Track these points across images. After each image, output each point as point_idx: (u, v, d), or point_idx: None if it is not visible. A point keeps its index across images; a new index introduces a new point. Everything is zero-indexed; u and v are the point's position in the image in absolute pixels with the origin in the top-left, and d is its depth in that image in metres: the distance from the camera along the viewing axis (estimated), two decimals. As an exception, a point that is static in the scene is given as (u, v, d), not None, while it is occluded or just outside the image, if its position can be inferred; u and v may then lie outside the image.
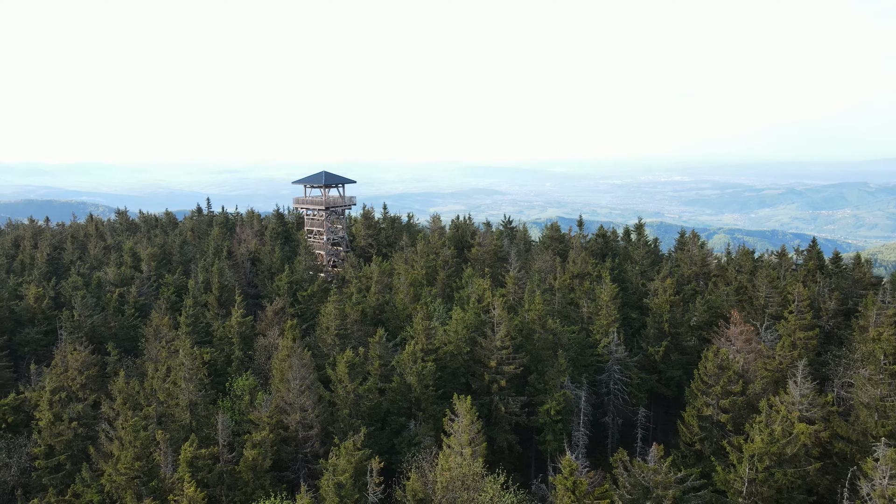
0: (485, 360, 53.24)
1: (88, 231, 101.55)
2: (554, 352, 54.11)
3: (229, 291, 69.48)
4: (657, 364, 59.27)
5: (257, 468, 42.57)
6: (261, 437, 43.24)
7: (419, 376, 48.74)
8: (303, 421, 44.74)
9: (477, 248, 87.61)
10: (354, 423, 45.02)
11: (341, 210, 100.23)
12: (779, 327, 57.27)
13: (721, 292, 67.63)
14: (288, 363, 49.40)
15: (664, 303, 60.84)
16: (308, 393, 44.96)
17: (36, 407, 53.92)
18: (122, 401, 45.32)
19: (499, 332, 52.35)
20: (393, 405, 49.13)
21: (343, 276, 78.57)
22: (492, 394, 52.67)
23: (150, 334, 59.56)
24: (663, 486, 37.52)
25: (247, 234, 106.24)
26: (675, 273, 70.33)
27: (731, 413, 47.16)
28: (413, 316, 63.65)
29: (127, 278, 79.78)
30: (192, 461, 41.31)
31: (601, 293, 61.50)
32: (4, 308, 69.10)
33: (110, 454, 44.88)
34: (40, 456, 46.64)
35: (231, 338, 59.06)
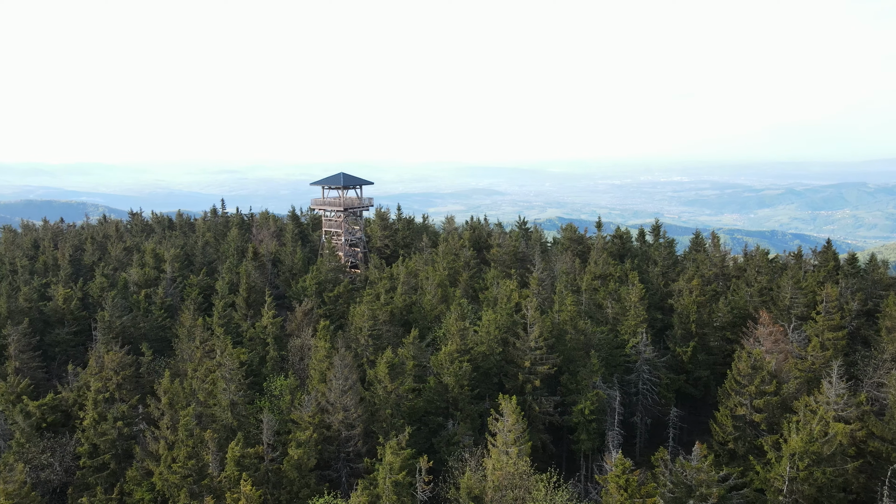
0: (518, 361, 53.93)
1: (107, 232, 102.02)
2: (586, 352, 54.82)
3: (257, 292, 70.09)
4: (685, 364, 59.97)
5: (302, 467, 43.22)
6: (305, 437, 43.91)
7: (456, 377, 49.41)
8: (345, 420, 45.35)
9: (496, 249, 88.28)
10: (397, 423, 45.67)
11: (359, 211, 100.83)
12: (806, 328, 58.00)
13: (744, 293, 68.33)
14: (327, 363, 50.11)
15: (691, 303, 61.56)
16: (350, 393, 45.58)
17: (74, 406, 54.68)
18: (168, 401, 45.94)
19: (532, 332, 53.03)
20: (430, 405, 49.78)
21: (366, 277, 79.13)
22: (525, 393, 53.31)
23: (184, 335, 60.09)
24: (707, 484, 38.21)
25: (263, 235, 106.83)
26: (695, 274, 70.94)
27: (766, 413, 47.84)
28: (441, 317, 64.43)
29: (151, 279, 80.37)
30: (240, 460, 41.95)
31: (629, 294, 62.20)
32: (34, 309, 69.67)
33: (155, 453, 45.60)
34: (84, 455, 47.29)
35: (265, 338, 59.63)
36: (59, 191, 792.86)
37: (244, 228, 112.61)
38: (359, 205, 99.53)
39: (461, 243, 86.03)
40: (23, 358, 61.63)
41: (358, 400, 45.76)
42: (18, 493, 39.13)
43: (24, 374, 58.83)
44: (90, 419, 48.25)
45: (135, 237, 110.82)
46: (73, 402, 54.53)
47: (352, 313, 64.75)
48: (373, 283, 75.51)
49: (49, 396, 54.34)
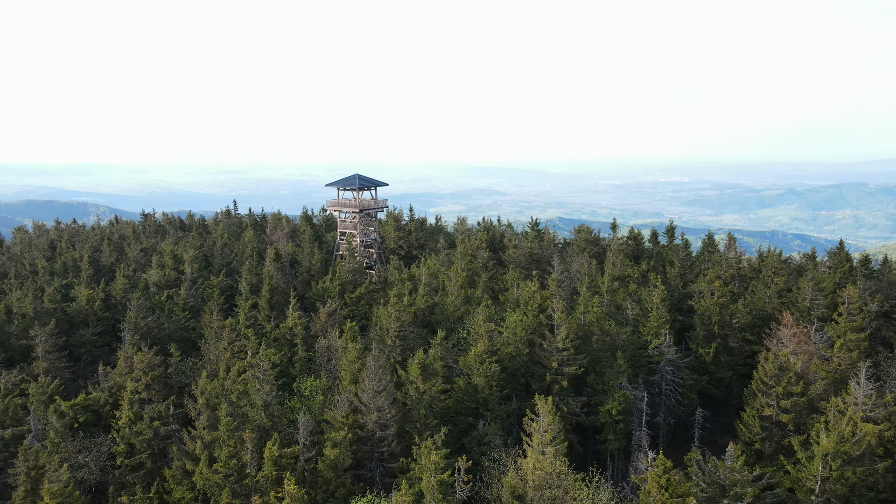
0: (544, 361, 54.54)
1: (123, 233, 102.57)
2: (611, 353, 55.43)
3: (280, 294, 70.65)
4: (707, 365, 60.59)
5: (338, 466, 43.79)
6: (341, 437, 44.48)
7: (486, 377, 50.03)
8: (379, 421, 45.93)
9: (512, 250, 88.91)
10: (430, 423, 46.26)
11: (374, 213, 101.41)
12: (828, 329, 58.65)
13: (762, 295, 68.92)
14: (358, 364, 50.70)
15: (713, 305, 62.19)
16: (385, 394, 46.16)
17: (105, 406, 55.27)
18: (205, 401, 46.52)
19: (559, 333, 53.65)
20: (460, 405, 50.39)
21: (385, 278, 79.70)
22: (553, 394, 53.89)
23: (211, 335, 60.64)
24: (741, 484, 38.80)
25: (278, 237, 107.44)
26: (716, 276, 71.54)
27: (793, 413, 48.46)
28: (464, 318, 65.04)
29: (171, 280, 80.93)
30: (277, 460, 42.55)
31: (650, 295, 62.82)
32: (58, 310, 70.20)
33: (191, 453, 46.17)
34: (121, 454, 47.84)
35: (292, 339, 60.19)
36: (60, 191, 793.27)
37: (257, 230, 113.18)
38: (374, 206, 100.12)
39: (477, 244, 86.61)
40: (50, 359, 62.18)
41: (392, 400, 46.32)
42: (62, 492, 39.68)
43: (52, 374, 59.31)
44: (125, 419, 48.83)
45: (149, 238, 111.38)
46: (105, 402, 55.11)
47: (375, 314, 65.37)
48: (392, 284, 76.05)
49: (80, 397, 54.92)
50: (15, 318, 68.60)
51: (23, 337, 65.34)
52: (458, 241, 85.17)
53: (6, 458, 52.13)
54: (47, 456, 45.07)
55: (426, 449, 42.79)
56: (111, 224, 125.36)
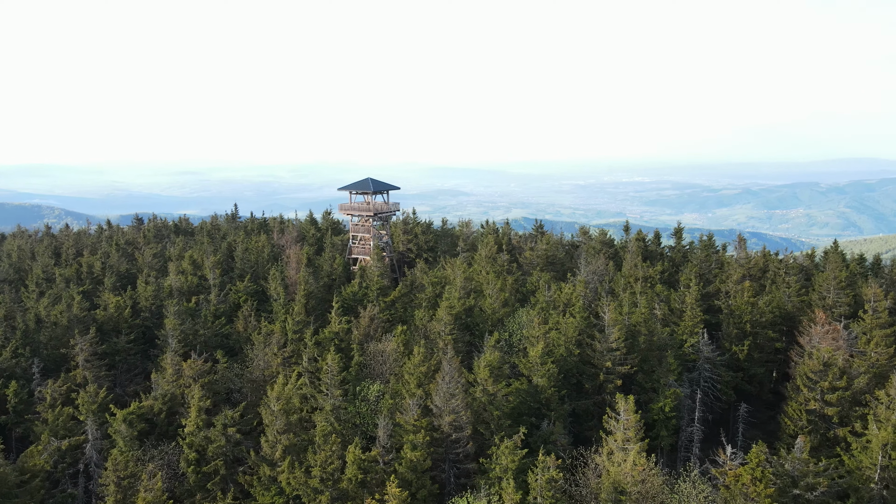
0: (595, 362, 56.37)
1: (132, 238, 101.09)
2: (659, 352, 57.55)
3: (315, 299, 71.01)
4: (741, 362, 63.24)
5: (418, 468, 44.81)
6: (420, 439, 45.46)
7: (548, 378, 51.58)
8: (455, 423, 47.02)
9: (529, 252, 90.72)
10: (504, 424, 47.56)
11: (387, 216, 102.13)
12: (853, 326, 61.91)
13: (782, 293, 72.04)
14: (424, 368, 51.71)
15: (744, 304, 64.93)
16: (459, 396, 47.28)
17: (160, 414, 55.08)
18: (282, 406, 46.92)
19: (612, 334, 55.53)
20: (524, 406, 51.79)
21: (412, 281, 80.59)
22: (604, 393, 55.80)
23: (260, 341, 60.74)
24: (812, 474, 41.16)
25: (286, 241, 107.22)
26: (744, 276, 74.46)
27: (839, 407, 51.25)
28: (505, 320, 66.51)
29: (194, 286, 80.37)
30: (360, 463, 43.32)
31: (685, 295, 65.26)
32: (88, 318, 69.24)
33: (269, 458, 46.56)
34: (192, 462, 47.85)
35: (341, 344, 60.71)
36: (12, 193, 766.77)
37: (263, 234, 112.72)
38: (387, 210, 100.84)
39: (496, 247, 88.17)
40: (91, 367, 61.49)
41: (466, 402, 47.46)
42: (156, 502, 39.79)
43: (96, 383, 58.66)
44: (193, 426, 48.87)
45: (150, 244, 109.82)
46: (159, 410, 54.89)
47: (417, 317, 66.32)
48: (422, 287, 77.04)
49: (134, 405, 54.49)
50: (45, 326, 67.45)
51: (60, 346, 64.34)
52: (481, 244, 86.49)
53: (63, 469, 51.73)
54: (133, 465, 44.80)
55: (506, 449, 44.20)
56: (105, 228, 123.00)
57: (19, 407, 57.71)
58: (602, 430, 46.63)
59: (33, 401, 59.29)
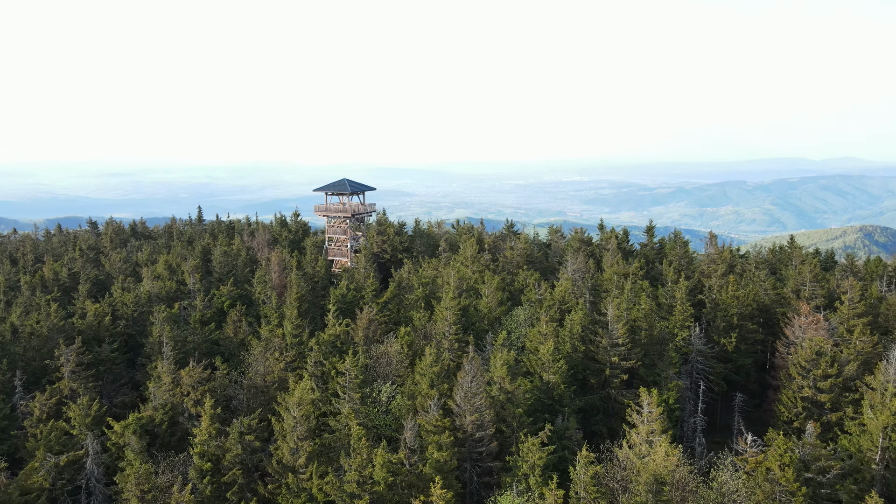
0: (600, 357, 57.58)
1: (94, 243, 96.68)
2: (661, 346, 59.23)
3: (306, 302, 69.83)
4: (729, 354, 65.76)
5: (444, 468, 44.82)
6: (444, 439, 45.45)
7: (560, 374, 52.40)
8: (477, 422, 47.20)
9: (509, 251, 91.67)
10: (525, 421, 48.05)
11: (363, 217, 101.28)
12: (830, 316, 65.31)
13: (757, 287, 75.20)
14: (437, 368, 51.68)
15: (730, 298, 67.53)
16: (482, 395, 47.49)
17: (162, 424, 53.16)
18: (304, 412, 46.00)
19: (616, 329, 56.84)
20: (537, 402, 52.40)
21: (399, 281, 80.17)
22: (609, 388, 57.08)
23: (261, 347, 59.34)
24: (825, 458, 43.28)
25: (257, 243, 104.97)
26: (723, 270, 77.27)
27: (832, 394, 54.01)
28: (502, 319, 67.09)
29: (172, 292, 77.75)
30: (389, 465, 43.00)
31: (675, 290, 67.35)
32: (67, 327, 66.08)
33: (292, 466, 45.61)
34: (207, 472, 46.36)
35: (342, 347, 59.94)
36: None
37: (231, 237, 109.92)
38: (363, 211, 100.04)
39: (477, 248, 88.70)
40: (77, 378, 58.75)
41: (489, 402, 47.70)
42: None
43: (88, 395, 56.03)
44: (206, 434, 47.37)
45: (117, 247, 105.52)
46: (161, 420, 52.93)
47: (416, 318, 66.11)
48: (411, 287, 76.80)
49: (133, 416, 52.35)
50: (21, 337, 63.98)
51: (42, 357, 61.18)
52: (466, 244, 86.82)
53: (63, 486, 49.25)
54: (152, 477, 43.00)
55: (533, 445, 44.72)
56: (60, 232, 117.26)
57: (3, 423, 54.62)
58: (625, 424, 47.71)
59: (16, 416, 56.28)
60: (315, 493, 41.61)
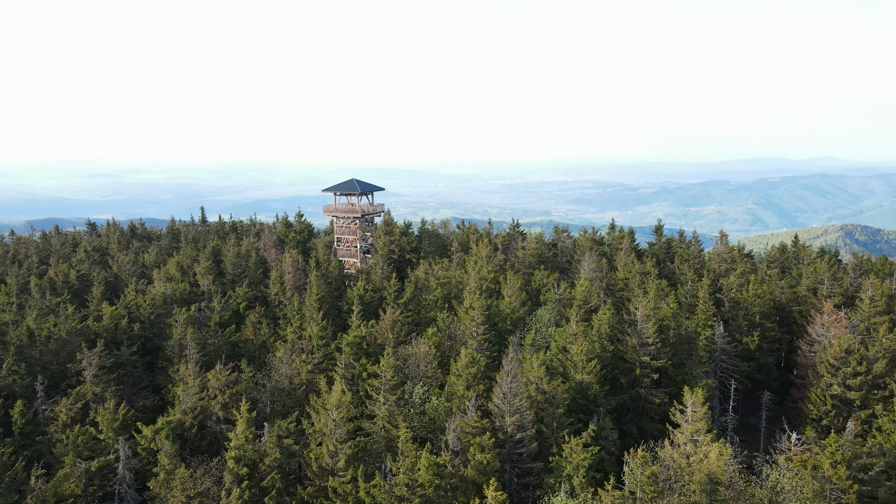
0: (629, 357, 57.59)
1: (98, 245, 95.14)
2: (689, 345, 59.35)
3: (326, 303, 69.18)
4: (752, 352, 66.11)
5: (487, 470, 44.51)
6: (487, 441, 45.12)
7: (595, 374, 52.31)
8: (518, 422, 46.94)
9: (521, 251, 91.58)
10: (565, 422, 47.85)
11: (371, 217, 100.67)
12: (851, 314, 65.88)
13: (774, 286, 75.74)
14: (474, 369, 51.36)
15: (751, 297, 67.90)
16: (522, 396, 47.23)
17: (192, 429, 52.31)
18: (343, 415, 45.45)
19: (646, 329, 56.87)
20: (572, 403, 52.25)
21: (415, 282, 79.72)
22: (639, 387, 57.09)
23: (286, 349, 58.59)
24: (866, 455, 43.59)
25: (264, 244, 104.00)
26: (742, 269, 77.66)
27: (862, 391, 54.45)
28: (525, 319, 66.95)
29: (186, 294, 76.66)
30: (433, 467, 42.60)
31: (697, 289, 67.60)
32: (85, 330, 64.84)
33: (331, 469, 45.05)
34: (243, 477, 45.62)
35: (368, 348, 59.40)
36: None
37: (236, 238, 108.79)
38: (372, 211, 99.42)
39: (491, 248, 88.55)
40: (100, 382, 57.65)
41: (529, 402, 47.45)
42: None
43: (114, 399, 54.95)
44: (242, 438, 46.63)
45: (124, 249, 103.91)
46: (190, 424, 52.07)
47: (440, 318, 65.72)
48: (429, 288, 76.37)
49: (161, 420, 51.46)
50: (39, 340, 62.67)
51: (64, 360, 59.97)
52: (481, 244, 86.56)
53: (94, 493, 48.25)
54: (189, 483, 42.22)
55: (577, 446, 44.54)
56: (56, 233, 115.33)
57: (27, 428, 53.40)
58: (669, 423, 47.70)
59: (39, 421, 55.08)
60: (362, 497, 41.06)
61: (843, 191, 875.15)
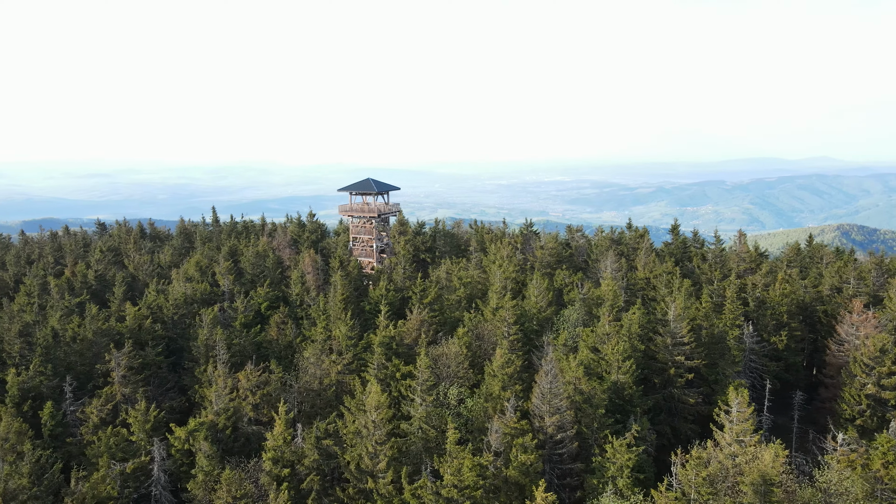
0: (661, 357, 57.28)
1: (117, 244, 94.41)
2: (721, 345, 59.08)
3: (352, 303, 68.74)
4: (780, 352, 65.88)
5: (530, 471, 44.17)
6: (529, 441, 44.76)
7: (631, 374, 52.00)
8: (559, 423, 46.58)
9: (539, 251, 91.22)
10: (606, 422, 47.53)
11: (387, 217, 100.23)
12: (879, 314, 65.71)
13: (797, 285, 75.56)
14: (510, 370, 51.01)
15: (779, 296, 67.69)
16: (564, 396, 46.88)
17: (226, 430, 51.81)
18: (382, 416, 45.01)
19: (680, 329, 56.59)
20: (609, 403, 51.91)
21: (437, 281, 79.29)
22: (672, 387, 56.80)
23: (314, 349, 58.11)
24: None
25: (278, 244, 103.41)
26: (766, 268, 77.44)
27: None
28: (553, 319, 66.61)
29: (206, 294, 76.08)
30: (477, 468, 42.23)
31: (724, 289, 67.35)
32: (110, 330, 64.23)
33: (370, 470, 44.62)
34: (282, 479, 45.17)
35: (398, 349, 58.96)
36: None
37: (250, 238, 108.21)
38: (388, 210, 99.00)
39: (511, 248, 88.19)
40: (129, 383, 57.08)
41: (569, 403, 47.11)
42: (283, 522, 37.30)
43: (143, 401, 54.42)
44: (280, 440, 46.16)
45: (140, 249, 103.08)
46: (224, 425, 51.55)
47: (466, 318, 65.36)
48: (451, 287, 75.97)
49: (193, 422, 51.02)
50: (63, 341, 62.03)
51: (90, 361, 59.39)
52: (503, 244, 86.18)
53: (129, 494, 47.76)
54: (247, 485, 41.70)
55: (621, 446, 44.24)
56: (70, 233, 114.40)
57: (57, 430, 52.86)
58: (702, 424, 47.39)
59: (68, 422, 54.52)
60: (407, 498, 40.62)
61: (840, 191, 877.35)
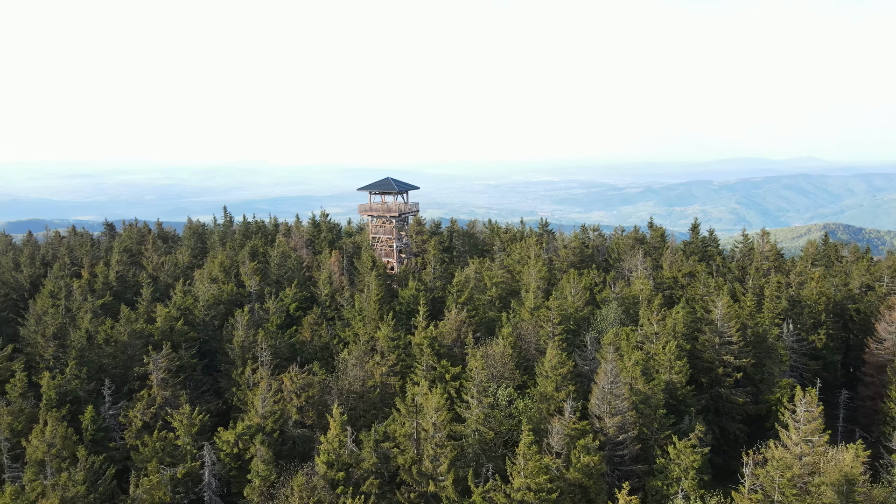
0: (707, 357, 56.91)
1: (127, 245, 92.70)
2: (766, 344, 58.79)
3: (384, 304, 67.82)
4: (818, 351, 65.78)
5: (594, 472, 43.55)
6: (593, 443, 44.15)
7: (684, 374, 51.55)
8: (619, 424, 46.01)
9: (563, 250, 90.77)
10: (667, 423, 47.00)
11: (406, 217, 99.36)
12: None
13: (828, 283, 75.60)
14: (565, 370, 50.36)
15: (818, 295, 67.60)
16: (623, 397, 46.30)
17: (274, 434, 50.75)
18: (443, 418, 44.15)
19: (729, 328, 56.24)
20: (664, 403, 51.41)
21: (467, 281, 78.45)
22: (720, 386, 56.42)
23: (358, 351, 57.14)
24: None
25: (295, 244, 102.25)
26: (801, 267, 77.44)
27: (946, 390, 54.25)
28: (591, 318, 66.09)
29: (233, 295, 74.80)
30: (544, 470, 41.51)
31: (764, 287, 67.18)
32: (141, 332, 62.82)
33: (432, 474, 43.77)
34: (339, 482, 44.18)
35: (440, 349, 58.09)
36: None
37: (266, 236, 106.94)
38: (408, 210, 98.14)
39: (538, 247, 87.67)
40: (168, 387, 55.77)
41: (630, 404, 46.52)
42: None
43: (181, 403, 53.19)
44: (336, 443, 45.14)
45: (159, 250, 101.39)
46: (271, 429, 50.44)
47: (504, 318, 64.68)
48: (483, 287, 75.22)
49: (241, 425, 49.88)
50: (96, 343, 60.58)
51: (126, 364, 58.02)
52: (531, 243, 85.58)
53: (180, 500, 46.59)
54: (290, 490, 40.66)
55: (686, 447, 43.71)
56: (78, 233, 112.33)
57: (98, 435, 51.50)
58: (778, 424, 46.97)
59: (108, 427, 53.17)
60: (476, 500, 39.79)
61: (825, 190, 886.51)
